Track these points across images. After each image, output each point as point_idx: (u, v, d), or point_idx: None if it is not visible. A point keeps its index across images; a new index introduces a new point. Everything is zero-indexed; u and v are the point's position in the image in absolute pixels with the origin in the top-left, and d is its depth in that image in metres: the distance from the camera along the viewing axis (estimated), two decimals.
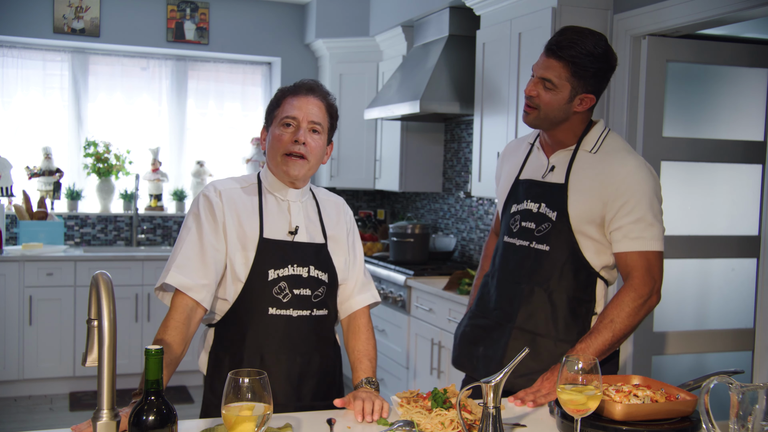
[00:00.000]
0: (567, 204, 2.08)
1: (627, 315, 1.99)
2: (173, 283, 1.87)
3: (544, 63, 2.07)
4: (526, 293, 2.13)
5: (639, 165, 2.05)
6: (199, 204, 1.97)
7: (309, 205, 2.07)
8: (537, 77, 2.09)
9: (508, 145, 2.41)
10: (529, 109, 2.12)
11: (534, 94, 2.08)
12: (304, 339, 1.97)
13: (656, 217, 2.04)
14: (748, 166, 3.57)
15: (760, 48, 3.46)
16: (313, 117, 1.97)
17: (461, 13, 4.49)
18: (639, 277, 2.02)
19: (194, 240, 1.92)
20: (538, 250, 2.12)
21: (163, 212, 5.92)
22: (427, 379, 4.15)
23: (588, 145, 2.12)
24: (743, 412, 1.44)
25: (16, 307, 4.97)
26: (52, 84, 5.75)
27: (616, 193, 2.03)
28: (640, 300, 2.00)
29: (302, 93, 1.99)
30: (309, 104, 1.97)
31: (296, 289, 1.96)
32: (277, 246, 1.96)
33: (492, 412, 1.47)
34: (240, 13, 5.89)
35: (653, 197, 2.04)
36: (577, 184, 2.09)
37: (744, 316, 3.62)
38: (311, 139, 1.97)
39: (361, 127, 5.52)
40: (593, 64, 2.03)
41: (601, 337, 1.97)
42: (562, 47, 2.03)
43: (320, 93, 2.02)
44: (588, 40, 2.03)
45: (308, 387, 1.97)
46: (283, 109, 1.98)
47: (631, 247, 2.03)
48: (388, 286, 4.62)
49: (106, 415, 1.37)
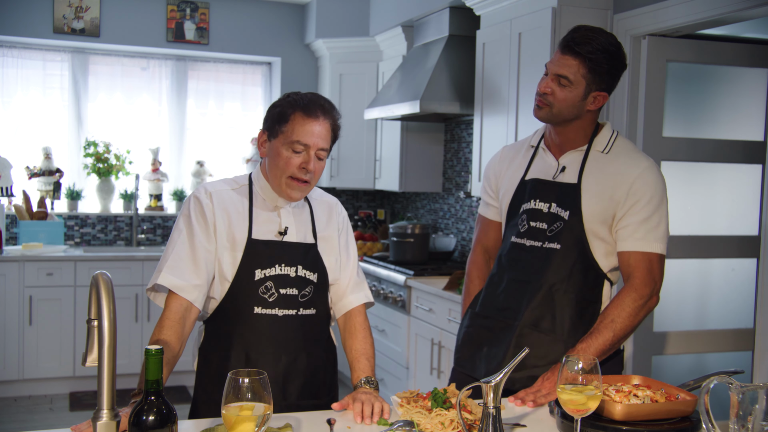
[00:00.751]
0: (581, 204, 2.08)
1: (628, 315, 2.00)
2: (166, 284, 1.88)
3: (561, 60, 2.08)
4: (534, 292, 2.13)
5: (651, 166, 2.09)
6: (189, 205, 1.98)
7: (300, 207, 2.08)
8: (552, 74, 2.09)
9: (504, 150, 2.39)
10: (542, 104, 2.12)
11: (548, 91, 2.09)
12: (290, 338, 1.98)
13: (662, 220, 2.06)
14: (748, 166, 3.57)
15: (760, 48, 3.46)
16: (323, 144, 1.94)
17: (461, 13, 4.49)
18: (640, 278, 2.03)
19: (185, 241, 1.93)
20: (549, 249, 2.12)
21: (163, 212, 5.92)
22: (427, 379, 4.15)
23: (600, 145, 2.14)
24: (743, 412, 1.44)
25: (16, 307, 4.97)
26: (52, 84, 5.75)
27: (629, 193, 2.05)
28: (641, 301, 2.02)
29: (314, 115, 1.93)
30: (320, 128, 1.93)
31: (282, 289, 1.97)
32: (265, 246, 1.97)
33: (492, 412, 1.47)
34: (240, 13, 5.89)
35: (662, 199, 2.07)
36: (591, 184, 2.09)
37: (744, 316, 3.62)
38: (317, 164, 1.95)
39: (361, 127, 5.52)
40: (608, 61, 2.05)
41: (602, 337, 1.98)
42: (579, 43, 2.04)
43: (330, 114, 1.97)
44: (602, 37, 2.06)
45: (294, 386, 1.98)
46: (294, 130, 1.92)
47: (636, 246, 2.04)
48: (388, 286, 4.62)
49: (106, 415, 1.37)
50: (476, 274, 2.41)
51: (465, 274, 2.45)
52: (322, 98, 1.99)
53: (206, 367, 2.00)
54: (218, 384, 1.92)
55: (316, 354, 2.03)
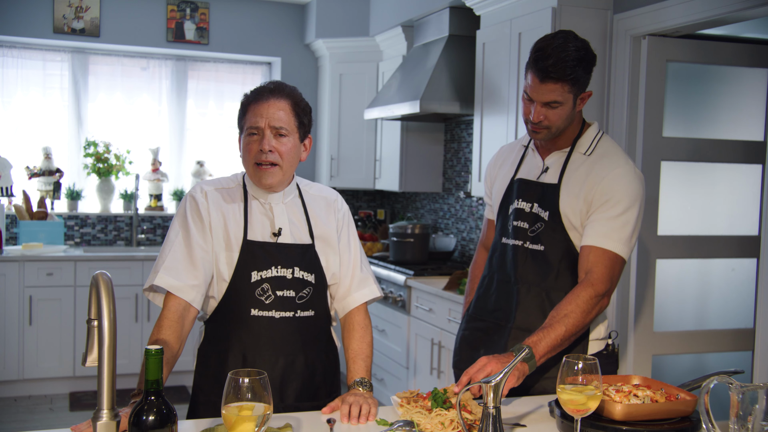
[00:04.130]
0: (558, 204, 2.10)
1: (582, 312, 1.96)
2: (162, 285, 1.88)
3: (543, 88, 2.05)
4: (523, 293, 2.14)
5: (628, 170, 2.07)
6: (186, 205, 1.98)
7: (294, 205, 2.06)
8: (540, 103, 2.07)
9: (501, 150, 2.41)
10: (538, 129, 2.11)
11: (541, 118, 2.08)
12: (288, 340, 1.96)
13: (629, 223, 2.03)
14: (748, 166, 3.57)
15: (760, 48, 3.46)
16: (275, 122, 1.93)
17: (461, 13, 4.49)
18: (599, 274, 2.00)
19: (182, 241, 1.93)
20: (533, 250, 2.13)
21: (163, 212, 5.92)
22: (427, 379, 4.15)
23: (582, 147, 2.15)
24: (743, 412, 1.44)
25: (16, 307, 4.97)
26: (52, 84, 5.75)
27: (601, 193, 2.05)
28: (596, 299, 1.99)
29: (263, 98, 1.95)
30: (270, 109, 1.93)
31: (279, 291, 1.96)
32: (261, 248, 1.96)
33: (492, 412, 1.47)
34: (240, 13, 5.89)
35: (634, 203, 2.04)
36: (569, 184, 2.11)
37: (744, 316, 3.62)
38: (279, 143, 1.94)
39: (361, 127, 5.52)
40: (584, 67, 2.05)
41: (554, 332, 1.93)
42: (557, 68, 2.01)
43: (282, 93, 1.97)
44: (570, 47, 2.02)
45: (292, 388, 1.98)
46: (247, 118, 1.96)
47: (598, 242, 2.02)
48: (388, 286, 4.62)
49: (106, 415, 1.37)
50: (476, 274, 2.42)
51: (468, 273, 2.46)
52: (275, 83, 2.00)
53: (204, 368, 2.00)
54: (216, 385, 1.92)
55: (315, 356, 2.02)
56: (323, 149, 5.80)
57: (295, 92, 2.00)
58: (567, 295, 2.01)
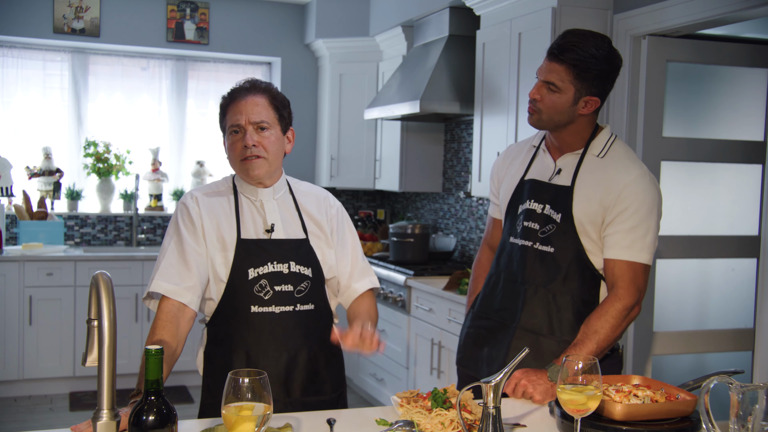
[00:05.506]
0: (572, 206, 2.09)
1: (611, 327, 2.00)
2: (159, 291, 1.90)
3: (548, 66, 2.09)
4: (530, 294, 2.13)
5: (643, 174, 2.07)
6: (177, 213, 2.02)
7: (285, 201, 2.08)
8: (540, 80, 2.10)
9: (509, 149, 2.41)
10: (532, 111, 2.14)
11: (537, 97, 2.10)
12: (289, 335, 1.98)
13: (650, 230, 2.05)
14: (748, 166, 3.57)
15: (760, 48, 3.46)
16: (255, 117, 1.98)
17: (461, 13, 4.49)
18: (624, 288, 2.03)
19: (174, 247, 1.96)
20: (542, 251, 2.13)
21: (163, 212, 5.92)
22: (427, 379, 4.15)
23: (596, 149, 2.14)
24: (743, 412, 1.44)
25: (16, 307, 4.97)
26: (52, 84, 5.75)
27: (617, 200, 2.04)
28: (624, 312, 2.02)
29: (240, 96, 2.00)
30: (248, 105, 1.98)
31: (277, 286, 1.98)
32: (255, 245, 1.99)
33: (492, 412, 1.47)
34: (240, 13, 5.89)
35: (652, 209, 2.05)
36: (583, 187, 2.10)
37: (744, 316, 3.62)
38: (261, 137, 1.98)
39: (361, 127, 5.52)
40: (596, 66, 2.04)
41: (585, 348, 1.98)
42: (563, 50, 2.05)
43: (258, 89, 2.02)
44: (589, 42, 2.04)
45: (296, 382, 1.99)
46: (228, 118, 2.01)
47: (621, 255, 2.04)
48: (388, 286, 4.62)
49: (106, 415, 1.37)
50: (480, 273, 2.42)
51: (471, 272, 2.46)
52: (250, 81, 2.04)
53: (211, 369, 2.02)
54: (223, 386, 1.92)
55: (318, 350, 2.03)
56: (323, 149, 5.80)
57: (271, 87, 2.05)
58: (596, 310, 2.04)
